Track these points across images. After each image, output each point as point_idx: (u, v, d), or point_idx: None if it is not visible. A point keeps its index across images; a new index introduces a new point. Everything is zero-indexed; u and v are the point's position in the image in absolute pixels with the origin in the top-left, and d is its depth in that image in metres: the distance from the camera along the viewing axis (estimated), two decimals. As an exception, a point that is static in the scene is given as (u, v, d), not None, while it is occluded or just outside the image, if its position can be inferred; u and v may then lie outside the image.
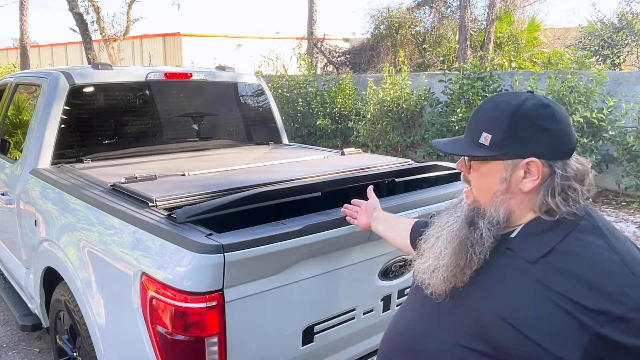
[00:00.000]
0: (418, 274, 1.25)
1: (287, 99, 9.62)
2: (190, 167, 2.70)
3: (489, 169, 1.16)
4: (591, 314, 1.00)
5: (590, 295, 1.01)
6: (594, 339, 0.99)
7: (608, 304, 0.99)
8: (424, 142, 7.66)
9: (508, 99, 1.15)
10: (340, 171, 2.60)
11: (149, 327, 1.66)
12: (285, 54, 11.34)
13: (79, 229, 2.17)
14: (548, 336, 1.02)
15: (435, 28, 13.32)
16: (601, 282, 1.01)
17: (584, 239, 1.08)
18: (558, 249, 1.08)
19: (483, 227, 1.14)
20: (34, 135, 2.87)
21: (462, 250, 1.15)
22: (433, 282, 1.19)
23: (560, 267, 1.05)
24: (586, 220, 1.12)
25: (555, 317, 1.02)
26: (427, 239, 1.29)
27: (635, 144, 5.77)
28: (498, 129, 1.12)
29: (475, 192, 1.20)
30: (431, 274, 1.20)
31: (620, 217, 5.80)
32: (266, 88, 3.81)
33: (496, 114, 1.14)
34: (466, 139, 1.19)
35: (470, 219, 1.17)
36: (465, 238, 1.15)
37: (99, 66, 3.16)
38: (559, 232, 1.10)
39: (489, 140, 1.13)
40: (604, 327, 0.99)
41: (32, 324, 2.83)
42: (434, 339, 1.21)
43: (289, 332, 1.80)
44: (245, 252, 1.58)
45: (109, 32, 15.69)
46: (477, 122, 1.18)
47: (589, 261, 1.05)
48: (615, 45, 10.45)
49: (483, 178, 1.17)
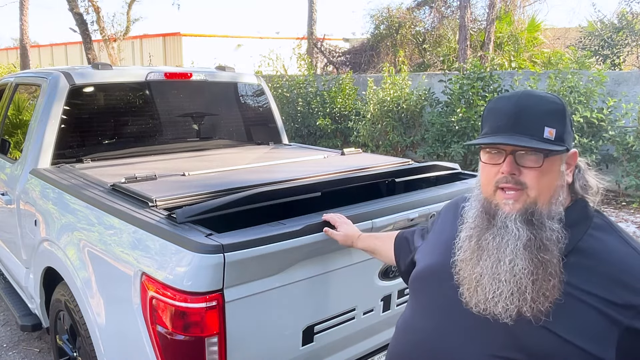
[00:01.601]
0: (483, 305, 1.10)
1: (287, 99, 9.61)
2: (190, 167, 2.70)
3: (551, 164, 1.10)
4: (619, 308, 1.02)
5: (616, 290, 1.03)
6: (625, 332, 1.02)
7: (634, 297, 1.02)
8: (424, 142, 7.65)
9: (544, 94, 1.15)
10: (340, 171, 2.60)
11: (149, 327, 1.66)
12: (285, 54, 11.33)
13: (79, 229, 2.17)
14: (582, 335, 1.03)
15: (435, 28, 13.32)
16: (624, 276, 1.04)
17: (600, 236, 1.10)
18: (579, 248, 1.09)
19: (554, 226, 1.07)
20: (34, 135, 2.87)
21: (541, 266, 1.05)
22: (497, 309, 1.08)
23: (584, 265, 1.07)
24: (598, 218, 1.14)
25: (586, 315, 1.03)
26: (464, 269, 1.16)
27: (635, 144, 5.77)
28: (560, 123, 1.12)
29: (535, 192, 1.09)
30: (509, 298, 1.07)
31: (620, 217, 5.80)
32: (266, 88, 3.81)
33: (552, 108, 1.12)
34: (520, 135, 1.09)
35: (530, 224, 1.08)
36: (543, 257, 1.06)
37: (99, 66, 3.16)
38: (578, 230, 1.11)
39: (554, 135, 1.10)
40: (634, 319, 1.01)
41: (32, 324, 2.82)
42: (462, 352, 1.14)
43: (289, 332, 1.80)
44: (245, 252, 1.58)
45: (109, 32, 15.69)
46: (532, 118, 1.11)
47: (610, 257, 1.07)
48: (615, 45, 10.45)
49: (547, 175, 1.10)
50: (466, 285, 1.14)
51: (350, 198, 2.17)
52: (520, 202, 1.10)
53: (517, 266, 1.07)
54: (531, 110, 1.11)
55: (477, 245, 1.14)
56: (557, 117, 1.12)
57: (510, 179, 1.10)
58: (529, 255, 1.06)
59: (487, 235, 1.13)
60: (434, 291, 1.25)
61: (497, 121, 1.14)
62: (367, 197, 2.23)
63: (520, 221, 1.08)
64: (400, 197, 2.22)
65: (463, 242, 1.18)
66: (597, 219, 1.13)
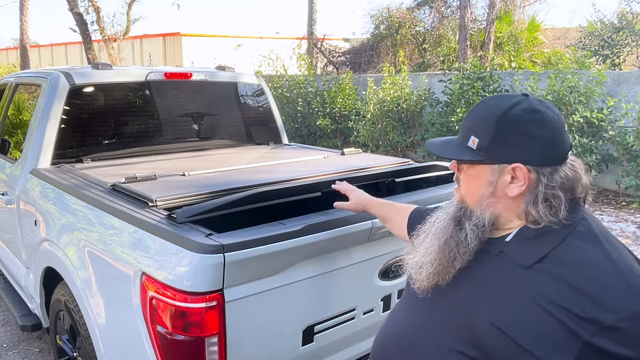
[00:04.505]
0: (407, 268, 1.29)
1: (287, 99, 9.61)
2: (190, 167, 2.70)
3: (476, 172, 1.16)
4: (582, 322, 0.98)
5: (582, 303, 0.99)
6: (585, 347, 0.98)
7: (599, 312, 0.98)
8: (424, 142, 7.65)
9: (499, 102, 1.14)
10: (340, 171, 2.60)
11: (149, 327, 1.66)
12: (285, 54, 11.34)
13: (79, 229, 2.17)
14: (539, 344, 1.01)
15: (435, 28, 13.32)
16: (593, 290, 1.00)
17: (580, 245, 1.06)
18: (552, 255, 1.06)
19: (468, 228, 1.15)
20: (34, 135, 2.87)
21: (446, 249, 1.16)
22: (419, 278, 1.22)
23: (554, 274, 1.04)
24: (582, 226, 1.09)
25: (547, 324, 1.01)
26: (419, 235, 1.30)
27: (635, 144, 5.77)
28: (485, 133, 1.12)
29: (462, 193, 1.22)
30: (418, 270, 1.22)
31: (620, 217, 5.80)
32: (266, 88, 3.81)
33: (484, 117, 1.14)
34: (458, 140, 1.20)
35: (457, 219, 1.19)
36: (450, 237, 1.17)
37: (99, 66, 3.16)
38: (555, 238, 1.08)
39: (476, 144, 1.13)
40: (595, 336, 0.97)
41: (32, 324, 2.82)
42: (428, 342, 1.20)
43: (289, 332, 1.80)
44: (245, 252, 1.58)
45: (109, 32, 15.69)
46: (467, 125, 1.18)
47: (582, 269, 1.03)
48: (615, 45, 10.45)
49: (470, 181, 1.19)
50: (411, 268, 1.28)
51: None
52: (458, 195, 1.25)
53: (431, 246, 1.20)
54: (470, 117, 1.19)
55: (429, 226, 1.28)
56: (485, 127, 1.12)
57: (456, 175, 1.26)
58: (442, 236, 1.19)
59: (434, 217, 1.28)
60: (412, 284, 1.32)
61: None
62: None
63: (455, 206, 1.23)
64: (400, 197, 2.22)
65: (423, 225, 1.31)
66: (581, 227, 1.09)
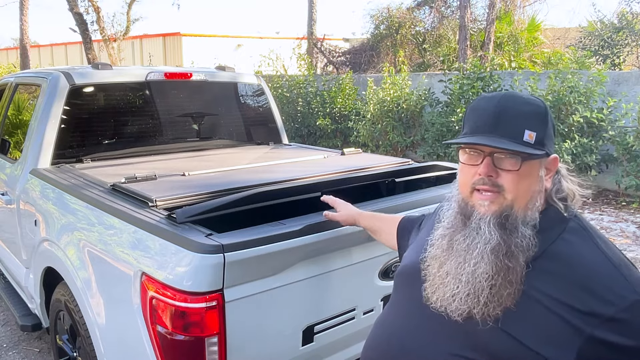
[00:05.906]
0: (441, 303, 1.12)
1: (287, 99, 9.61)
2: (190, 167, 2.70)
3: (530, 168, 1.08)
4: (583, 316, 0.99)
5: (581, 297, 1.00)
6: (587, 341, 0.99)
7: (599, 305, 0.99)
8: (424, 142, 7.65)
9: (525, 96, 1.14)
10: (340, 171, 2.60)
11: (149, 327, 1.66)
12: (285, 54, 11.34)
13: (79, 229, 2.17)
14: (542, 341, 1.01)
15: (435, 28, 13.31)
16: (592, 284, 1.01)
17: (574, 241, 1.07)
18: (549, 251, 1.07)
19: (526, 232, 1.06)
20: (34, 135, 2.87)
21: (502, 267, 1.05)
22: (460, 307, 1.09)
23: (552, 270, 1.04)
24: (574, 222, 1.11)
25: (548, 320, 1.01)
26: (432, 265, 1.17)
27: (635, 144, 5.77)
28: (540, 126, 1.09)
29: (511, 195, 1.07)
30: (464, 299, 1.08)
31: (620, 217, 5.80)
32: (266, 88, 3.81)
33: (533, 111, 1.10)
34: (499, 137, 1.07)
35: (502, 228, 1.06)
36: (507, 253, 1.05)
37: (99, 66, 3.16)
38: (550, 234, 1.08)
39: (534, 138, 1.07)
40: (596, 329, 0.98)
41: (32, 324, 2.82)
42: (426, 348, 1.16)
43: (289, 332, 1.80)
44: (245, 252, 1.58)
45: (109, 32, 15.69)
46: (511, 119, 1.08)
47: (579, 263, 1.04)
48: (615, 45, 10.45)
49: (525, 179, 1.08)
50: (430, 281, 1.16)
51: (350, 198, 2.17)
52: (496, 204, 1.08)
53: (479, 269, 1.06)
54: (512, 112, 1.09)
55: (449, 244, 1.14)
56: (538, 121, 1.09)
57: (487, 180, 1.09)
58: (494, 259, 1.05)
59: (458, 237, 1.12)
60: (407, 289, 1.27)
61: (478, 121, 1.12)
62: (367, 197, 2.23)
63: (494, 224, 1.07)
64: (400, 197, 2.22)
65: (436, 240, 1.19)
66: (573, 223, 1.10)
